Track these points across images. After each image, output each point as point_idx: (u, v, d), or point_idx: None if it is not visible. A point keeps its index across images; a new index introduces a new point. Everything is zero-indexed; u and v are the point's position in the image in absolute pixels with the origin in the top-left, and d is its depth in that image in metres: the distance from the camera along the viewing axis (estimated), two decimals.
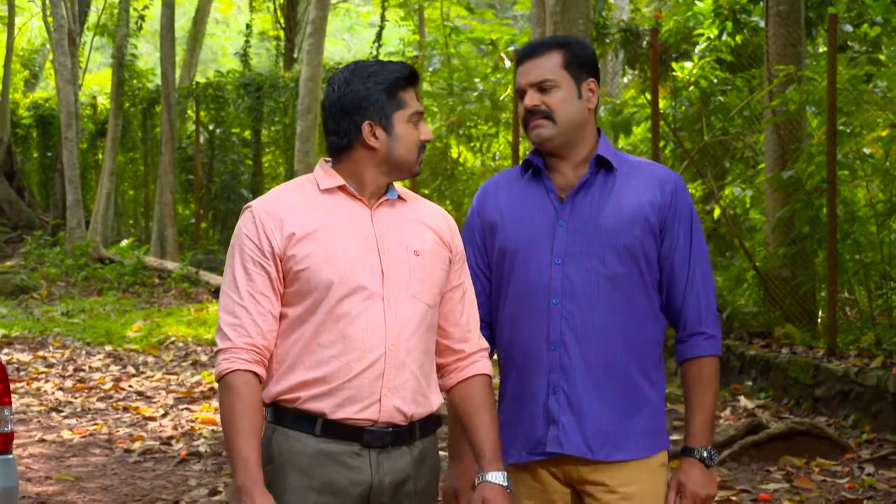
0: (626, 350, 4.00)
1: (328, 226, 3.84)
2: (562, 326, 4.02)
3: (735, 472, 8.78)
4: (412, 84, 3.89)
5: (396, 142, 3.86)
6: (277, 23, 24.30)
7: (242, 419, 3.73)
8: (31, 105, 30.21)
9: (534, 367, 4.07)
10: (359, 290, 3.79)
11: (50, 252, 23.56)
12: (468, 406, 3.97)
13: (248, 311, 3.80)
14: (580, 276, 4.01)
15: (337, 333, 3.78)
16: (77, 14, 25.61)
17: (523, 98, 4.09)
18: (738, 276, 12.31)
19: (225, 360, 3.79)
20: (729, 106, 13.48)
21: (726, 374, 10.88)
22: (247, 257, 3.82)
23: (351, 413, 3.77)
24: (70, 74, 24.10)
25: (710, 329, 4.02)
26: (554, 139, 4.05)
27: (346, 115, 3.88)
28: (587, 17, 10.58)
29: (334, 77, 3.93)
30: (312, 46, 16.83)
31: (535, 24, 11.11)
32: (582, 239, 4.02)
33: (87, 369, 13.59)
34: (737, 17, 14.33)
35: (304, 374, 3.79)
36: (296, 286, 3.80)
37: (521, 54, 4.15)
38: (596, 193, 4.05)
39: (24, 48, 38.52)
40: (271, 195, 3.90)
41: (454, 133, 16.55)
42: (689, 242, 4.03)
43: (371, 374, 3.78)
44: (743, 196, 13.13)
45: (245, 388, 3.76)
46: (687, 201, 4.04)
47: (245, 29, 25.39)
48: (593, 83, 4.08)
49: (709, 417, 4.02)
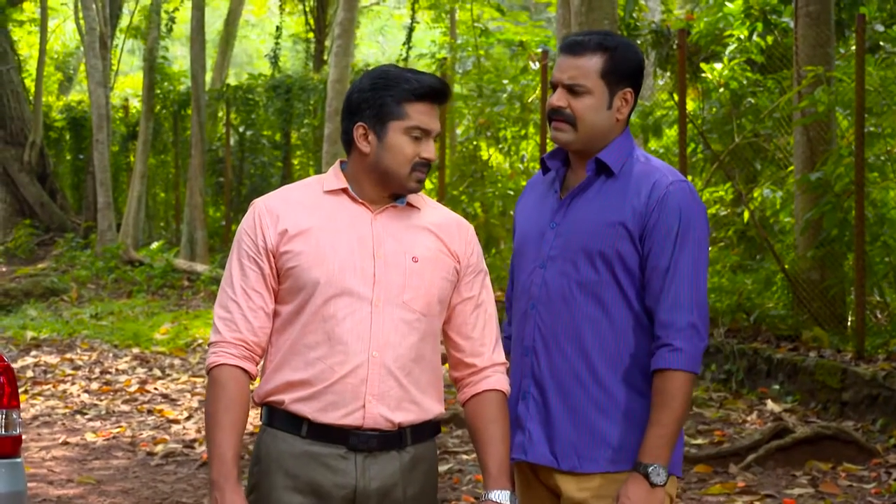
0: (603, 360, 3.87)
1: (323, 226, 3.79)
2: (534, 332, 3.95)
3: (760, 477, 8.69)
4: (428, 100, 3.79)
5: (386, 151, 3.77)
6: (307, 25, 24.29)
7: (224, 414, 3.73)
8: (63, 108, 30.29)
9: (514, 372, 4.01)
10: (346, 293, 3.74)
11: (81, 254, 23.60)
12: (478, 422, 3.91)
13: (240, 307, 3.79)
14: (555, 281, 3.92)
15: (322, 335, 3.74)
16: (108, 17, 25.65)
17: (555, 90, 3.96)
18: (766, 279, 12.21)
19: (213, 353, 3.78)
20: (760, 107, 13.37)
21: (753, 377, 10.79)
22: (243, 252, 3.82)
23: (335, 418, 3.74)
24: (101, 77, 24.14)
25: (679, 342, 3.79)
26: (572, 145, 3.95)
27: (348, 114, 3.85)
28: (613, 18, 10.50)
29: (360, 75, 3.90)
30: (340, 48, 16.80)
31: (561, 25, 11.04)
32: (563, 243, 3.93)
33: (113, 372, 13.59)
34: (767, 17, 14.21)
35: (290, 375, 3.76)
36: (287, 283, 3.78)
37: (564, 45, 4.00)
38: (590, 197, 3.94)
39: (59, 51, 38.67)
40: (277, 193, 3.89)
41: (482, 135, 16.49)
42: (670, 251, 3.83)
43: (354, 380, 3.74)
44: (773, 198, 13.02)
45: (230, 383, 3.75)
46: (678, 208, 3.85)
47: (275, 31, 25.38)
48: (630, 94, 3.94)
49: (665, 433, 3.78)
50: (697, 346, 3.82)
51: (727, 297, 11.91)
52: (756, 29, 14.07)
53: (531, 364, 3.94)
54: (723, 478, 8.71)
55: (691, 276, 3.84)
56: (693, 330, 3.81)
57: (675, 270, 3.83)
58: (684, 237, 3.84)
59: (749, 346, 11.01)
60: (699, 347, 3.82)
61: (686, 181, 3.92)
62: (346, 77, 17.04)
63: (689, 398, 3.83)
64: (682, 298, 3.83)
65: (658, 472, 3.78)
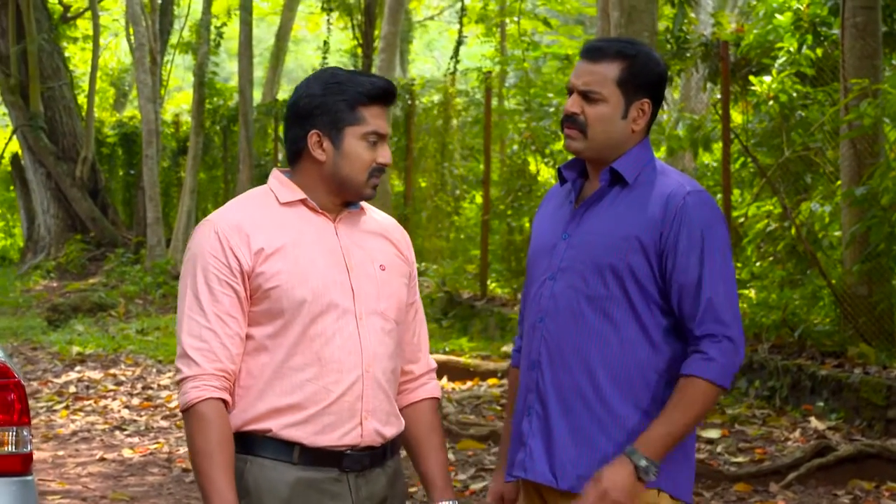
0: (609, 377, 3.74)
1: (296, 241, 3.63)
2: (540, 346, 3.81)
3: (801, 496, 8.53)
4: (380, 103, 3.65)
5: (343, 158, 3.64)
6: (355, 39, 24.29)
7: (219, 452, 3.53)
8: (115, 123, 30.45)
9: (522, 386, 3.89)
10: (332, 308, 3.60)
11: (131, 270, 23.68)
12: (417, 431, 3.83)
13: (217, 334, 3.58)
14: (563, 294, 3.79)
15: (311, 355, 3.59)
16: (158, 32, 25.75)
17: (570, 95, 3.82)
18: (813, 294, 12.02)
19: (195, 387, 3.56)
20: (809, 120, 13.20)
21: (797, 394, 10.60)
22: (211, 276, 3.59)
23: (332, 441, 3.60)
24: (150, 93, 24.23)
25: (714, 352, 3.66)
26: (582, 153, 3.83)
27: (298, 121, 3.67)
28: (653, 30, 10.38)
29: (303, 80, 3.72)
30: (384, 62, 16.76)
31: (601, 37, 10.91)
32: (573, 255, 3.80)
33: (155, 387, 13.55)
34: (817, 29, 14.04)
35: (276, 401, 3.59)
36: (264, 305, 3.60)
37: (583, 50, 3.86)
38: (604, 208, 3.81)
39: (114, 68, 38.90)
40: (230, 209, 3.69)
41: (528, 149, 16.39)
42: (697, 265, 3.70)
43: (350, 398, 3.61)
44: (821, 212, 12.84)
45: (219, 418, 3.56)
46: (700, 218, 3.72)
47: (322, 46, 25.40)
48: (647, 104, 3.80)
49: (671, 432, 3.65)
50: (732, 359, 3.69)
51: (772, 313, 11.74)
52: (805, 41, 13.91)
53: (536, 379, 3.82)
54: (763, 497, 8.54)
55: (724, 289, 3.72)
56: (730, 343, 3.69)
57: (708, 284, 3.70)
58: (709, 249, 3.72)
59: (793, 362, 10.82)
60: (734, 362, 3.70)
61: (703, 191, 3.78)
62: None
63: (707, 408, 3.70)
64: (719, 312, 3.70)
65: (649, 470, 3.65)
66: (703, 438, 9.76)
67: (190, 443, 3.57)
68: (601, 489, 3.63)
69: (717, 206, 3.82)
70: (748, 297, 12.52)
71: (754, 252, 13.27)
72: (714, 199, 3.82)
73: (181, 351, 3.61)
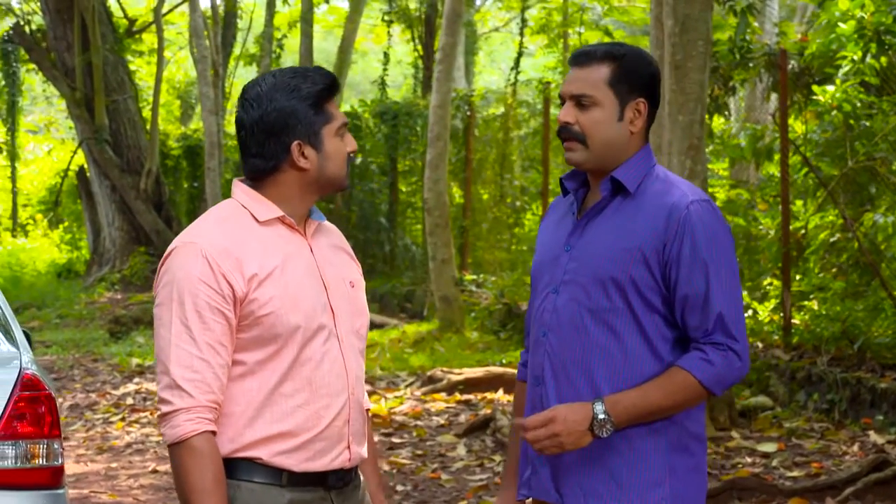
0: (614, 391, 3.62)
1: (284, 264, 3.53)
2: (544, 361, 3.72)
3: None
4: (335, 93, 3.58)
5: (328, 159, 3.56)
6: (416, 51, 24.29)
7: (216, 489, 3.42)
8: (180, 136, 30.58)
9: (528, 402, 3.80)
10: (321, 331, 3.52)
11: None
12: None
13: (210, 364, 3.45)
14: (566, 307, 3.69)
15: (302, 381, 3.50)
16: (220, 45, 25.84)
17: (563, 104, 3.74)
18: (875, 306, 11.84)
19: (189, 420, 3.43)
20: (873, 130, 13.03)
21: (856, 407, 10.43)
22: (202, 303, 3.44)
23: (321, 466, 3.55)
24: (213, 105, 24.30)
25: (715, 356, 3.57)
26: (585, 164, 3.72)
27: (272, 135, 3.53)
28: (707, 39, 10.23)
29: (250, 93, 3.56)
30: (442, 73, 16.67)
31: (654, 46, 10.79)
32: (576, 267, 3.70)
33: None
34: (881, 38, 13.84)
35: (266, 429, 3.49)
36: (255, 332, 3.48)
37: (572, 58, 3.79)
38: (606, 219, 3.70)
39: (181, 81, 39.12)
40: (210, 229, 3.55)
41: None
42: (703, 276, 3.60)
43: (339, 422, 3.55)
44: (884, 223, 12.65)
45: (214, 453, 3.44)
46: (705, 228, 3.62)
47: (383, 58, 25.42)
48: (643, 104, 3.71)
49: (638, 404, 3.55)
50: (731, 371, 3.59)
51: (833, 325, 11.57)
52: (869, 50, 13.70)
53: (541, 395, 3.73)
54: None
55: (733, 303, 3.62)
56: (735, 356, 3.59)
57: (717, 298, 3.60)
58: (716, 261, 3.62)
59: (853, 374, 10.65)
60: (731, 374, 3.60)
61: (708, 199, 3.68)
62: (448, 102, 16.91)
63: (685, 405, 3.61)
64: (729, 327, 3.60)
65: (605, 422, 3.54)
66: (758, 452, 9.62)
67: (182, 479, 3.43)
68: (549, 415, 3.55)
69: (723, 215, 3.72)
70: (810, 309, 12.36)
71: (817, 263, 13.10)
72: (718, 209, 3.72)
73: (170, 382, 3.46)
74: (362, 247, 22.61)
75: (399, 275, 21.58)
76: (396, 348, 15.89)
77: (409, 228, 22.75)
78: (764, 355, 11.71)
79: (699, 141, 10.25)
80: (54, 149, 37.88)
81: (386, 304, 20.06)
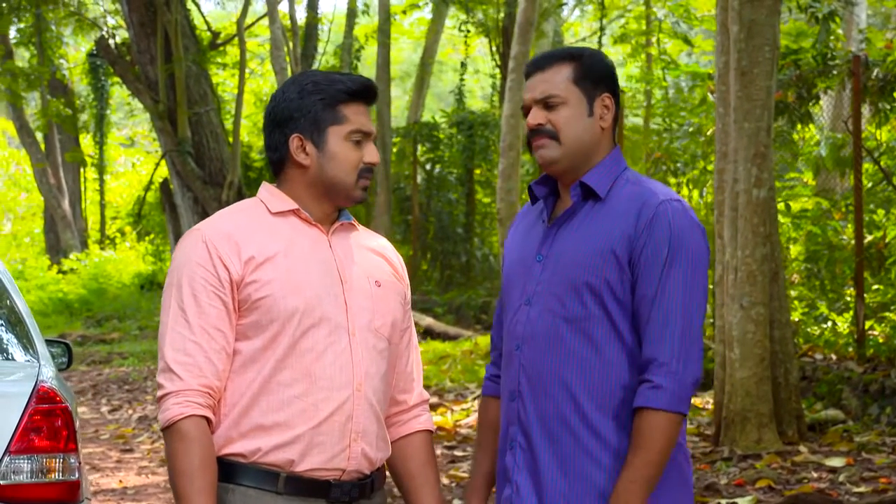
0: (592, 402, 3.49)
1: (289, 250, 3.46)
2: (519, 375, 3.57)
3: None
4: (361, 100, 3.49)
5: (329, 160, 3.47)
6: (493, 61, 24.21)
7: (202, 474, 3.35)
8: (262, 148, 30.69)
9: (502, 419, 3.65)
10: (324, 322, 3.42)
11: None
12: (411, 465, 3.64)
13: (202, 348, 3.40)
14: (540, 318, 3.55)
15: (300, 370, 3.40)
16: (299, 57, 25.86)
17: (527, 113, 3.63)
18: None
19: (177, 404, 3.39)
20: None
21: None
22: (198, 287, 3.42)
23: (318, 463, 3.41)
24: None
25: (660, 378, 3.42)
26: (559, 161, 3.59)
27: (277, 126, 3.51)
28: (774, 44, 10.01)
29: (276, 89, 3.55)
30: (514, 82, 16.54)
31: (720, 52, 10.56)
32: (549, 277, 3.56)
33: None
34: None
35: (261, 418, 3.41)
36: (253, 316, 3.42)
37: (527, 68, 3.68)
38: (577, 225, 3.57)
39: (267, 93, 39.32)
40: (218, 219, 3.52)
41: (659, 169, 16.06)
42: (657, 277, 3.46)
43: (340, 418, 3.42)
44: None
45: (202, 437, 3.37)
46: (668, 229, 3.49)
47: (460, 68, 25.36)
48: (608, 99, 3.62)
49: (636, 477, 3.41)
50: (681, 382, 3.43)
51: None
52: None
53: (517, 410, 3.59)
54: None
55: (680, 304, 3.47)
56: (677, 365, 3.44)
57: (662, 298, 3.47)
58: (674, 260, 3.48)
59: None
60: (684, 384, 3.43)
61: (680, 200, 3.55)
62: (520, 111, 16.76)
63: (669, 441, 3.44)
64: (668, 329, 3.46)
65: None
66: (825, 467, 9.38)
67: (170, 462, 3.40)
68: None
69: (695, 215, 3.57)
70: (891, 320, 12.09)
71: None
72: (692, 210, 3.58)
73: (163, 365, 3.44)
74: (440, 258, 22.51)
75: (476, 286, 21.44)
76: (468, 360, 15.76)
77: (487, 239, 22.61)
78: (837, 367, 11.44)
79: (766, 148, 10.03)
80: (143, 162, 38.25)
81: (461, 315, 19.92)
